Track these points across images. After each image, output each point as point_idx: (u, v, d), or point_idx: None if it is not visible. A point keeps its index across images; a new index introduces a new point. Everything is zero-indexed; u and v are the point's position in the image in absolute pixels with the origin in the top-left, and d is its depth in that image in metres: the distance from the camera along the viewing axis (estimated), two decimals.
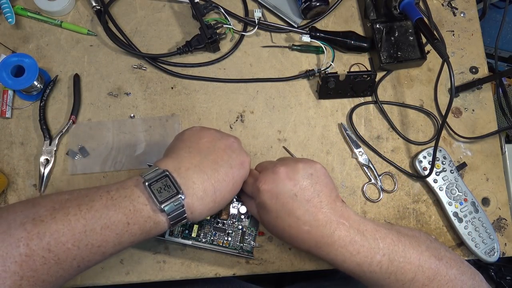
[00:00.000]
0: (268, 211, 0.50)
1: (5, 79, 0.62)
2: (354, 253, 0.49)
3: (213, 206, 0.49)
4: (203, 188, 0.47)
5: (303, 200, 0.49)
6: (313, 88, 0.69)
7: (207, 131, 0.53)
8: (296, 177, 0.50)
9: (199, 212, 0.47)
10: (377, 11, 0.68)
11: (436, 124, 0.69)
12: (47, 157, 0.64)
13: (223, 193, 0.49)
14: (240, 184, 0.52)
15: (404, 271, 0.49)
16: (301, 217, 0.49)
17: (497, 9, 0.94)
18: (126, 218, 0.44)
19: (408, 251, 0.50)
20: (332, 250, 0.49)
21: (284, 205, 0.49)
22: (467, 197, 0.64)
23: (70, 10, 0.70)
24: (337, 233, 0.49)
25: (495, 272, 1.10)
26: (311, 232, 0.49)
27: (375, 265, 0.49)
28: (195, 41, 0.67)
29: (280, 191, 0.49)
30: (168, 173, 0.46)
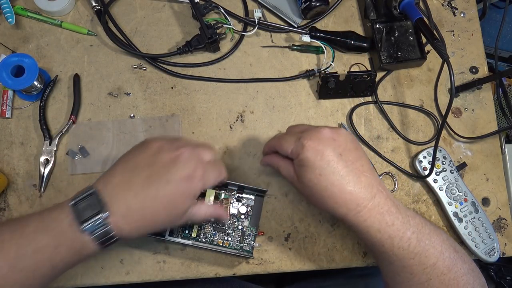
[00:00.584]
0: (311, 169, 0.49)
1: (5, 79, 0.62)
2: (390, 223, 0.49)
3: (142, 225, 0.46)
4: (127, 205, 0.45)
5: (348, 160, 0.49)
6: (313, 88, 0.69)
7: (155, 143, 0.49)
8: (340, 138, 0.50)
9: (127, 230, 0.45)
10: (377, 11, 0.68)
11: (436, 124, 0.69)
12: (47, 157, 0.64)
13: (154, 211, 0.46)
14: (186, 200, 0.48)
15: (428, 254, 0.49)
16: (345, 177, 0.48)
17: (497, 9, 0.94)
18: (54, 240, 0.43)
19: (432, 236, 0.50)
20: (370, 216, 0.48)
21: (329, 163, 0.48)
22: (467, 197, 0.64)
23: (70, 10, 0.70)
24: (377, 199, 0.49)
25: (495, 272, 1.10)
26: (353, 193, 0.48)
27: (404, 241, 0.49)
28: (195, 41, 0.67)
29: (326, 149, 0.49)
30: (94, 190, 0.45)
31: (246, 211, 0.61)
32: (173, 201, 0.47)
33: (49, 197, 0.63)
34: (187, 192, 0.47)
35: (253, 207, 0.62)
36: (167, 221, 0.48)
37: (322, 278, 0.78)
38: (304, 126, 0.55)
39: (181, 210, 0.48)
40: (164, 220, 0.48)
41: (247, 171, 0.65)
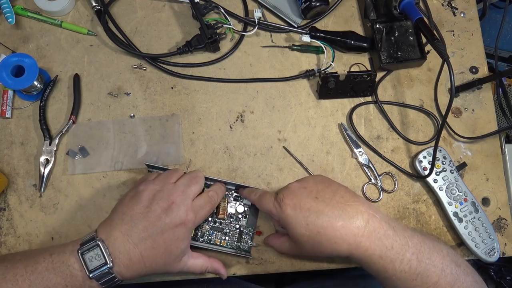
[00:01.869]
0: (297, 223, 0.50)
1: (5, 79, 0.62)
2: (389, 247, 0.49)
3: (144, 270, 0.50)
4: (128, 257, 0.49)
5: (325, 199, 0.50)
6: (313, 88, 0.69)
7: (146, 192, 0.52)
8: (309, 185, 0.53)
9: (129, 276, 0.50)
10: (377, 11, 0.68)
11: (436, 124, 0.69)
12: (47, 157, 0.64)
13: (152, 259, 0.50)
14: (181, 243, 0.52)
15: (429, 273, 0.49)
16: (331, 214, 0.49)
17: (497, 9, 0.94)
18: (64, 281, 0.48)
19: (432, 254, 0.50)
20: (370, 244, 0.49)
21: (309, 210, 0.50)
22: (467, 197, 0.64)
23: (70, 10, 0.70)
24: (371, 224, 0.49)
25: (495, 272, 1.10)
26: (346, 226, 0.49)
27: (405, 263, 0.49)
28: (195, 41, 0.67)
29: (300, 199, 0.51)
30: (99, 242, 0.49)
31: (243, 210, 0.62)
32: (170, 247, 0.51)
33: (49, 197, 0.63)
34: (182, 236, 0.51)
35: (250, 207, 0.62)
36: (165, 265, 0.52)
37: (322, 278, 0.78)
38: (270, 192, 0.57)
39: (177, 253, 0.52)
40: (163, 265, 0.51)
41: (247, 171, 0.65)
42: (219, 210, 0.61)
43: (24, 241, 0.61)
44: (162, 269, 0.52)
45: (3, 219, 0.62)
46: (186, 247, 0.53)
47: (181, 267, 0.53)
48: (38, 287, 0.47)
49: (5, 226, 0.62)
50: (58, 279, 0.48)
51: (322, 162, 0.66)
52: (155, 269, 0.51)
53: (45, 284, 0.47)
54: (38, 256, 0.49)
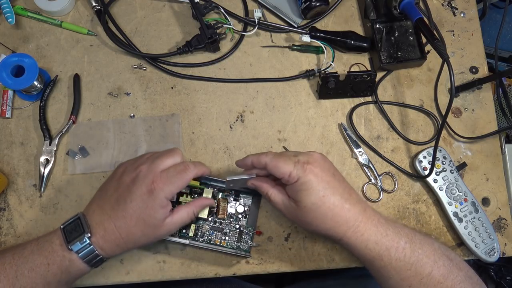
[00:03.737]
0: (315, 191, 0.50)
1: (5, 79, 0.62)
2: (384, 234, 0.51)
3: (121, 242, 0.51)
4: (103, 227, 0.50)
5: (340, 180, 0.52)
6: (313, 88, 0.69)
7: (120, 167, 0.55)
8: (327, 162, 0.54)
9: (108, 249, 0.51)
10: (377, 11, 0.68)
11: (436, 124, 0.69)
12: (47, 157, 0.64)
13: (126, 229, 0.50)
14: (154, 213, 0.50)
15: (422, 263, 0.50)
16: (343, 194, 0.51)
17: (497, 9, 0.94)
18: (46, 259, 0.50)
19: (424, 245, 0.51)
20: (366, 229, 0.50)
21: (328, 183, 0.51)
22: (467, 197, 0.64)
23: (70, 10, 0.70)
24: (368, 212, 0.51)
25: (495, 272, 1.10)
26: (351, 210, 0.51)
27: (400, 251, 0.50)
28: (195, 41, 0.67)
29: (324, 170, 0.51)
30: (79, 215, 0.52)
31: (243, 210, 0.62)
32: (141, 217, 0.50)
33: (49, 197, 0.63)
34: (151, 204, 0.50)
35: (250, 207, 0.62)
36: (144, 235, 0.51)
37: (322, 278, 0.78)
38: (289, 152, 0.55)
39: (153, 222, 0.51)
40: (141, 235, 0.51)
41: None
42: (219, 210, 0.61)
43: (24, 241, 0.61)
44: (144, 239, 0.51)
45: (3, 219, 0.62)
46: (162, 215, 0.51)
47: (166, 231, 0.52)
48: (23, 270, 0.49)
49: (5, 226, 0.62)
50: (41, 259, 0.50)
51: None
52: (135, 240, 0.51)
53: (29, 265, 0.49)
54: (27, 243, 0.52)
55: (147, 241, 0.52)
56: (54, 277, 0.50)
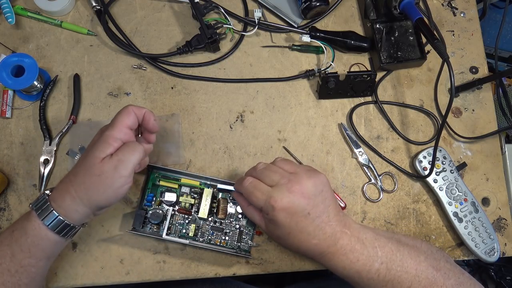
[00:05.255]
0: (280, 228, 0.52)
1: (5, 79, 0.62)
2: (354, 260, 0.51)
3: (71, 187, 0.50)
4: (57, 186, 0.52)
5: (315, 217, 0.52)
6: (313, 88, 0.69)
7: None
8: (310, 195, 0.52)
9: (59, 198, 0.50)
10: (377, 11, 0.68)
11: (436, 124, 0.69)
12: (47, 157, 0.64)
13: (73, 171, 0.51)
14: (98, 145, 0.50)
15: (400, 280, 0.51)
16: (312, 233, 0.51)
17: (497, 9, 0.94)
18: (12, 227, 0.51)
19: (406, 261, 0.52)
20: (334, 258, 0.52)
21: (297, 223, 0.51)
22: (467, 197, 0.64)
23: (70, 10, 0.70)
24: (340, 243, 0.52)
25: (495, 272, 1.10)
26: (319, 245, 0.52)
27: (373, 272, 0.51)
28: (195, 41, 0.67)
29: (296, 211, 0.51)
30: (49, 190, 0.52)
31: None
32: (84, 154, 0.51)
33: None
34: (95, 140, 0.52)
35: None
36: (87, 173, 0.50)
37: (322, 278, 0.78)
38: (271, 175, 0.53)
39: (91, 155, 0.50)
40: (84, 173, 0.50)
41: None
42: (219, 210, 0.61)
43: None
44: (88, 181, 0.50)
45: (3, 219, 0.62)
46: (103, 148, 0.50)
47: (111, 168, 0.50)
48: None
49: (5, 226, 0.62)
50: (9, 230, 0.51)
51: (322, 162, 0.66)
52: (80, 182, 0.50)
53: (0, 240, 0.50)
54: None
55: (93, 183, 0.50)
56: (17, 244, 0.49)
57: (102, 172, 0.49)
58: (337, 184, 0.66)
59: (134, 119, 0.53)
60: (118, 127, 0.51)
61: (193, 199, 0.61)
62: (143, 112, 0.54)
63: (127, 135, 0.52)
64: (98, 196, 0.50)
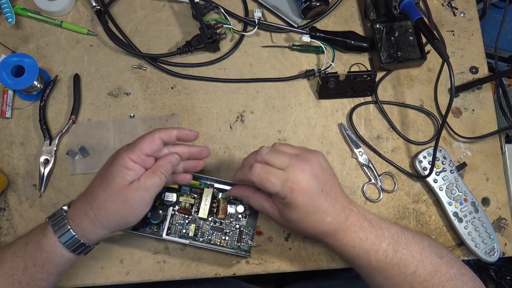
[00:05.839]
0: (297, 210, 0.50)
1: (5, 79, 0.62)
2: (363, 238, 0.51)
3: (89, 208, 0.50)
4: (77, 200, 0.52)
5: (326, 193, 0.51)
6: (313, 88, 0.69)
7: None
8: (319, 173, 0.51)
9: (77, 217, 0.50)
10: (377, 11, 0.68)
11: (436, 124, 0.69)
12: (47, 157, 0.64)
13: (91, 191, 0.51)
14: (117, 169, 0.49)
15: (406, 263, 0.50)
16: (326, 210, 0.50)
17: (497, 9, 0.94)
18: (26, 238, 0.51)
19: (410, 244, 0.51)
20: (345, 236, 0.51)
21: (313, 201, 0.50)
22: (467, 197, 0.64)
23: (70, 10, 0.70)
24: (350, 219, 0.51)
25: (495, 272, 1.09)
26: (332, 223, 0.51)
27: (381, 253, 0.50)
28: (195, 41, 0.67)
29: (312, 189, 0.50)
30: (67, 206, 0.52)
31: (243, 210, 0.62)
32: (104, 176, 0.51)
33: (49, 197, 0.63)
34: (114, 163, 0.50)
35: (250, 207, 0.62)
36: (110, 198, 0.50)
37: (322, 278, 0.78)
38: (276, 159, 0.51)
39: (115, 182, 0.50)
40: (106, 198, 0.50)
41: None
42: (219, 210, 0.61)
43: None
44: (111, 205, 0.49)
45: (3, 219, 0.62)
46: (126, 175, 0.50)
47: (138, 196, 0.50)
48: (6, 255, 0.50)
49: (5, 226, 0.62)
50: (23, 240, 0.51)
51: None
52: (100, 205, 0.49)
53: (12, 250, 0.50)
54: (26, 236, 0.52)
55: (116, 208, 0.49)
56: (31, 260, 0.49)
57: (128, 200, 0.49)
58: None
59: (157, 146, 0.51)
60: (136, 152, 0.50)
61: (193, 199, 0.61)
62: (173, 134, 0.52)
63: (145, 162, 0.51)
64: (120, 220, 0.51)
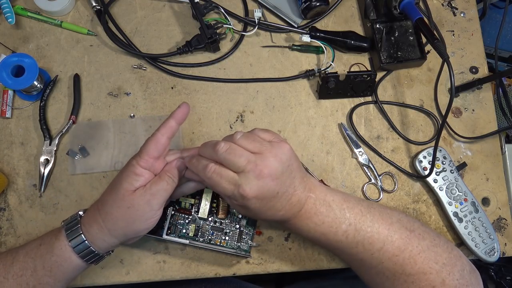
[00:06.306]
0: (249, 211, 0.50)
1: (5, 79, 0.62)
2: (319, 223, 0.51)
3: (99, 217, 0.50)
4: (88, 209, 0.53)
5: (282, 194, 0.50)
6: (313, 88, 0.69)
7: None
8: (278, 175, 0.48)
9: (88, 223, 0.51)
10: (377, 11, 0.68)
11: (436, 124, 0.69)
12: (47, 157, 0.64)
13: (102, 199, 0.51)
14: (126, 176, 0.50)
15: (371, 241, 0.51)
16: (279, 207, 0.51)
17: (497, 9, 0.94)
18: (41, 240, 0.51)
19: (377, 221, 0.52)
20: (298, 223, 0.52)
21: (266, 203, 0.50)
22: (467, 197, 0.64)
23: (70, 10, 0.70)
24: (304, 208, 0.52)
25: (495, 272, 1.09)
26: (285, 215, 0.51)
27: (340, 234, 0.51)
28: (195, 41, 0.67)
29: (266, 195, 0.48)
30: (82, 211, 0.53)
31: None
32: (113, 183, 0.52)
33: (49, 197, 0.63)
34: (124, 170, 0.51)
35: None
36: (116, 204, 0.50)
37: (322, 278, 0.78)
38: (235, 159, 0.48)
39: (122, 187, 0.50)
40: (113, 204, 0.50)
41: None
42: (219, 210, 0.61)
43: (24, 241, 0.61)
44: (117, 212, 0.49)
45: (3, 219, 0.62)
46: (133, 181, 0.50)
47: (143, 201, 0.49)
48: (19, 255, 0.51)
49: (5, 226, 0.62)
50: (36, 242, 0.51)
51: (322, 162, 0.66)
52: (108, 212, 0.50)
53: (25, 251, 0.51)
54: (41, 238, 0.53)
55: (121, 214, 0.49)
56: (42, 262, 0.49)
57: (133, 205, 0.49)
58: (337, 184, 0.66)
59: (163, 145, 0.51)
60: (144, 158, 0.50)
61: (193, 199, 0.61)
62: (172, 124, 0.52)
63: (154, 167, 0.51)
64: (127, 227, 0.50)
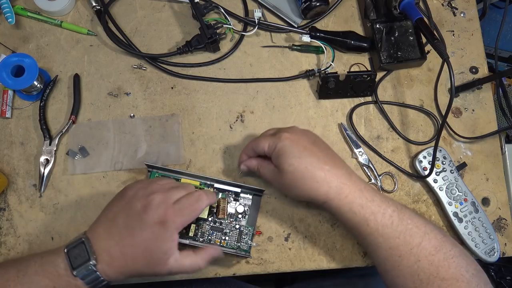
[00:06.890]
0: (290, 154, 0.51)
1: (5, 79, 0.62)
2: (370, 199, 0.50)
3: (126, 270, 0.49)
4: (109, 254, 0.48)
5: (321, 146, 0.53)
6: (313, 88, 0.69)
7: (130, 191, 0.52)
8: (309, 134, 0.56)
9: (113, 275, 0.49)
10: (377, 11, 0.68)
11: (436, 124, 0.69)
12: (47, 157, 0.64)
13: (133, 257, 0.49)
14: (163, 244, 0.49)
15: (412, 233, 0.49)
16: (322, 158, 0.51)
17: (497, 9, 0.94)
18: (52, 282, 0.48)
19: (414, 217, 0.51)
20: (352, 191, 0.50)
21: (305, 147, 0.52)
22: (467, 197, 0.64)
23: (70, 10, 0.70)
24: (353, 177, 0.52)
25: (495, 272, 1.10)
26: (332, 171, 0.50)
27: (387, 217, 0.49)
28: (195, 41, 0.67)
29: (300, 137, 0.53)
30: (83, 239, 0.49)
31: (243, 210, 0.62)
32: (150, 246, 0.49)
33: (49, 197, 0.63)
34: (162, 236, 0.49)
35: (250, 207, 0.62)
36: (148, 267, 0.49)
37: (322, 278, 0.78)
38: (271, 129, 0.59)
39: (159, 254, 0.49)
40: (145, 266, 0.49)
41: None
42: (219, 210, 0.61)
43: (24, 241, 0.61)
44: (147, 270, 0.49)
45: (3, 219, 0.62)
46: (169, 249, 0.49)
47: (169, 269, 0.50)
48: None
49: (5, 226, 0.62)
50: (46, 281, 0.48)
51: None
52: (139, 270, 0.49)
53: (34, 287, 0.48)
54: (30, 260, 0.50)
55: (147, 273, 0.50)
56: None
57: (168, 272, 0.50)
58: None
59: None
60: (186, 223, 0.51)
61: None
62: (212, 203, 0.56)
63: None
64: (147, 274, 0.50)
